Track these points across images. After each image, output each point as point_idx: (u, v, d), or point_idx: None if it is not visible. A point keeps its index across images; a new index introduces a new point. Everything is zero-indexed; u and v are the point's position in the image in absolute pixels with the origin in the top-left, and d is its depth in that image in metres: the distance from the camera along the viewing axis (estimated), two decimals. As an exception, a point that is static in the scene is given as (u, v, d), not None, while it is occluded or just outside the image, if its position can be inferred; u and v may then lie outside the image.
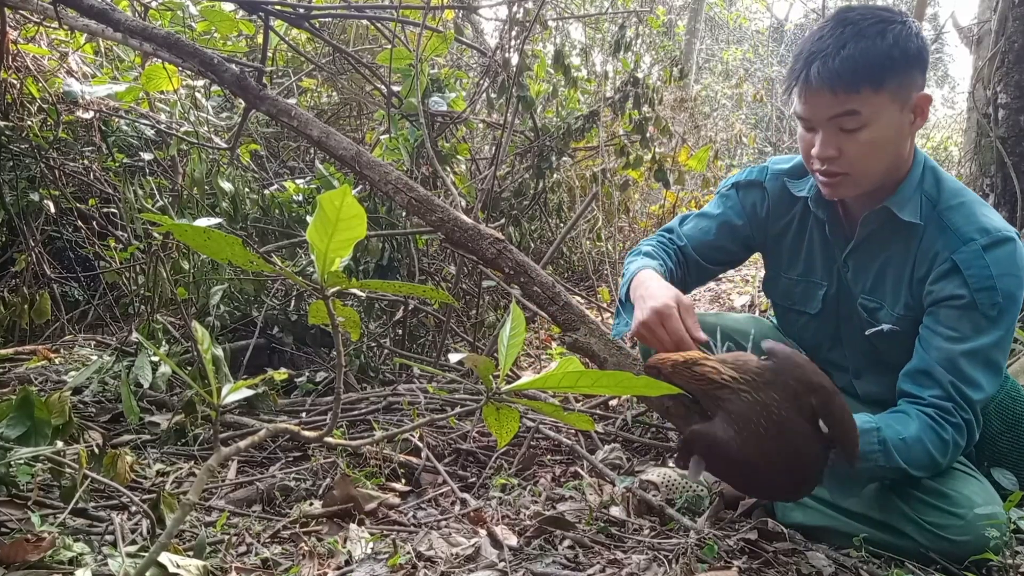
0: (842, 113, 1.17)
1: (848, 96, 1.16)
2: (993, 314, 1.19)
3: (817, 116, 1.20)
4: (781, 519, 1.32)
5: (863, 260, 1.35)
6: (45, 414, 1.36)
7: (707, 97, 7.42)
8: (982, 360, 1.21)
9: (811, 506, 1.31)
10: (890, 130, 1.20)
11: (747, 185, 1.49)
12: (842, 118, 1.18)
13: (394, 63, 2.42)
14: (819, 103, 1.18)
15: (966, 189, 1.31)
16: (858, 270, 1.36)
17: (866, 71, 1.14)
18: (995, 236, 1.22)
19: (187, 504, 0.88)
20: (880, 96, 1.16)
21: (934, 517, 1.21)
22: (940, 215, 1.26)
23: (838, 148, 1.20)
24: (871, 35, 1.15)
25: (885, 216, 1.29)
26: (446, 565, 1.13)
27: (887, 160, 1.23)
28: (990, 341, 1.20)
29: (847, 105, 1.16)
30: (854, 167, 1.21)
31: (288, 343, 2.32)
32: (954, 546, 1.19)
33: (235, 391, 0.93)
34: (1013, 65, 2.39)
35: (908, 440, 1.18)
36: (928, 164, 1.31)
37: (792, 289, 1.48)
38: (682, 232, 1.54)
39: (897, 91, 1.18)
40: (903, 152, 1.26)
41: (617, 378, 0.94)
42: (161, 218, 0.88)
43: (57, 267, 2.85)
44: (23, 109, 2.52)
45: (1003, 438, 1.39)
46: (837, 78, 1.15)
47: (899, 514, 1.24)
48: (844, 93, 1.16)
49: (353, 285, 0.91)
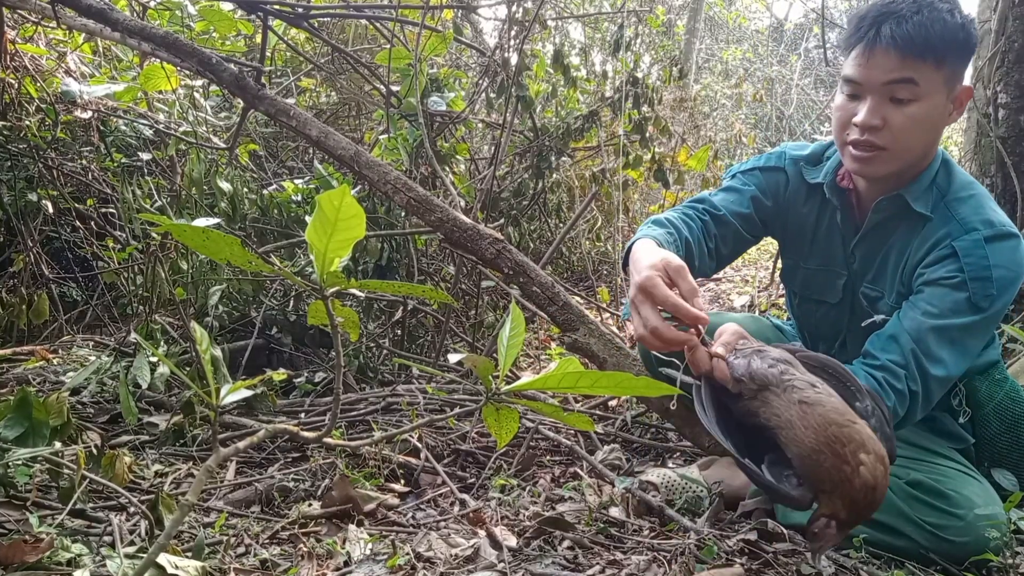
0: (900, 80, 1.15)
1: (914, 62, 1.14)
2: (984, 305, 1.18)
3: (873, 79, 1.17)
4: (781, 520, 1.32)
5: (869, 249, 1.34)
6: (43, 415, 1.35)
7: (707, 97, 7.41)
8: (950, 338, 1.19)
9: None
10: (935, 112, 1.19)
11: (769, 169, 1.46)
12: (898, 85, 1.16)
13: (393, 63, 2.42)
14: (881, 65, 1.16)
15: (977, 183, 1.31)
16: (863, 260, 1.36)
17: (937, 41, 1.13)
18: (999, 229, 1.21)
19: (186, 505, 0.87)
20: (938, 74, 1.16)
21: (934, 518, 1.20)
22: (947, 205, 1.26)
23: (883, 118, 1.18)
24: (943, 10, 1.15)
25: (898, 205, 1.28)
26: (445, 566, 1.12)
27: (923, 144, 1.22)
28: (964, 322, 1.19)
29: (909, 71, 1.15)
30: (894, 142, 1.19)
31: (287, 343, 2.32)
32: (954, 547, 1.19)
33: (234, 392, 0.93)
34: (1013, 65, 2.39)
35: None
36: (944, 157, 1.31)
37: (811, 279, 1.46)
38: (716, 202, 1.44)
39: (951, 75, 1.18)
40: (935, 141, 1.25)
41: (617, 378, 0.94)
42: (159, 218, 0.87)
43: (55, 267, 2.84)
44: (21, 109, 2.52)
45: (1002, 439, 1.38)
46: (909, 40, 1.13)
47: (898, 515, 1.23)
48: (911, 58, 1.14)
49: (352, 285, 0.91)
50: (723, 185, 1.50)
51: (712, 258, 1.42)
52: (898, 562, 1.22)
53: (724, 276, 4.14)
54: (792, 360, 1.12)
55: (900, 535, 1.23)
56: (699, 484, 1.40)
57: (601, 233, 3.87)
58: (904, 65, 1.15)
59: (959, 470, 1.27)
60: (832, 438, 1.01)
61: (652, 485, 1.40)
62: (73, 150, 2.78)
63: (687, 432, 1.56)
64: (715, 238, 1.42)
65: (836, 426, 1.01)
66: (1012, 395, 1.40)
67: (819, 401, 1.04)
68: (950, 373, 1.21)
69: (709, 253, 1.41)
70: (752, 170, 1.47)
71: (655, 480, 1.41)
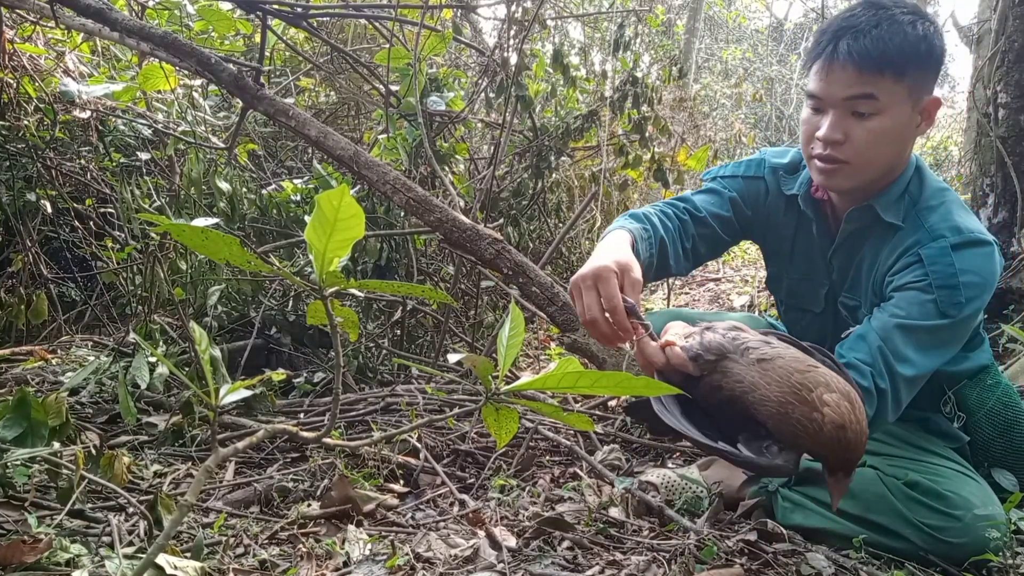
0: (860, 95, 1.16)
1: (871, 77, 1.14)
2: (952, 312, 1.17)
3: (833, 95, 1.18)
4: (781, 520, 1.32)
5: (845, 259, 1.35)
6: (42, 415, 1.35)
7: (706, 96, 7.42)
8: (917, 339, 1.17)
9: (810, 508, 1.31)
10: (899, 125, 1.19)
11: (749, 178, 1.46)
12: (858, 100, 1.16)
13: (392, 62, 2.42)
14: (840, 80, 1.16)
15: (950, 190, 1.29)
16: (841, 269, 1.36)
17: (895, 55, 1.13)
18: (967, 236, 1.20)
19: (185, 505, 0.87)
20: (899, 86, 1.15)
21: (932, 520, 1.20)
22: (918, 214, 1.25)
23: (845, 133, 1.18)
24: (904, 23, 1.15)
25: (869, 216, 1.28)
26: (444, 566, 1.12)
27: (888, 156, 1.22)
28: (932, 325, 1.17)
29: (867, 87, 1.15)
30: (857, 156, 1.19)
31: (286, 344, 2.31)
32: (952, 549, 1.19)
33: (233, 392, 0.93)
34: (1013, 64, 2.39)
35: None
36: (918, 164, 1.30)
37: (796, 288, 1.47)
38: (696, 202, 1.45)
39: (914, 87, 1.17)
40: (903, 153, 1.25)
41: (616, 378, 0.94)
42: (158, 218, 0.87)
43: (54, 267, 2.84)
44: (19, 109, 2.51)
45: (996, 443, 1.38)
46: (866, 55, 1.13)
47: (897, 516, 1.23)
48: (868, 73, 1.14)
49: (351, 285, 0.90)
50: (703, 187, 1.50)
51: (688, 258, 1.42)
52: (898, 563, 1.22)
53: (724, 276, 4.14)
54: (741, 326, 1.12)
55: (898, 537, 1.23)
56: (699, 484, 1.40)
57: (601, 233, 3.86)
58: (862, 80, 1.15)
59: (957, 470, 1.27)
60: (796, 386, 0.99)
61: (652, 485, 1.40)
62: (72, 150, 2.78)
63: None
64: (693, 238, 1.42)
65: (798, 373, 1.00)
66: (1004, 400, 1.38)
67: (777, 355, 1.04)
68: (919, 372, 1.19)
69: (685, 253, 1.41)
70: (734, 177, 1.47)
71: (655, 480, 1.41)
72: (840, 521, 1.27)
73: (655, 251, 1.31)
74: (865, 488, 1.26)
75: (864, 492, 1.26)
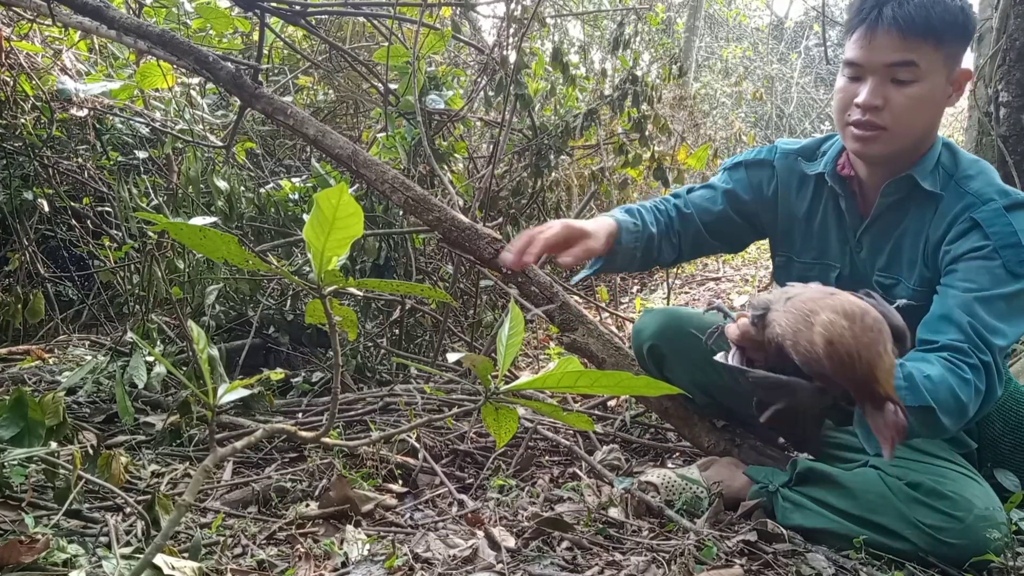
0: (902, 61, 1.19)
1: (915, 43, 1.17)
2: (1021, 271, 1.19)
3: (874, 61, 1.20)
4: (780, 520, 1.32)
5: (878, 237, 1.35)
6: (39, 415, 1.34)
7: (706, 95, 7.41)
8: (999, 309, 1.19)
9: (810, 508, 1.31)
10: (935, 93, 1.22)
11: (754, 164, 1.48)
12: (900, 67, 1.19)
13: (391, 61, 2.41)
14: (883, 46, 1.19)
15: (982, 160, 1.32)
16: (872, 248, 1.36)
17: (937, 22, 1.17)
18: (1016, 198, 1.23)
19: (182, 505, 0.87)
20: (938, 54, 1.19)
21: (933, 520, 1.20)
22: (958, 183, 1.27)
23: (885, 98, 1.21)
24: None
25: (908, 185, 1.29)
26: (443, 567, 1.12)
27: (923, 124, 1.24)
28: (1008, 291, 1.19)
29: (910, 53, 1.18)
30: (896, 122, 1.22)
31: (284, 343, 2.31)
32: (952, 550, 1.18)
33: (231, 391, 0.92)
34: (1014, 63, 2.38)
35: (933, 378, 1.14)
36: (945, 141, 1.33)
37: (806, 274, 1.46)
38: (688, 199, 1.52)
39: (950, 56, 1.21)
40: (936, 122, 1.28)
41: (616, 378, 0.94)
42: (156, 217, 0.86)
43: (51, 266, 2.83)
44: (16, 107, 2.50)
45: (1005, 440, 1.38)
46: (910, 21, 1.16)
47: (898, 517, 1.23)
48: (912, 39, 1.17)
49: (350, 284, 0.90)
50: (712, 179, 1.56)
51: (674, 251, 1.52)
52: (898, 563, 1.21)
53: (724, 276, 4.14)
54: (796, 284, 1.16)
55: (899, 538, 1.22)
56: (699, 484, 1.39)
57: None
58: (906, 46, 1.18)
59: (960, 472, 1.27)
60: (804, 313, 1.00)
61: (652, 485, 1.40)
62: (69, 148, 2.77)
63: (686, 432, 1.56)
64: (678, 235, 1.51)
65: (811, 302, 1.01)
66: (1017, 396, 1.39)
67: (801, 292, 1.05)
68: (1009, 341, 1.21)
69: (672, 247, 1.51)
70: (737, 165, 1.50)
71: (655, 480, 1.40)
72: (840, 521, 1.27)
73: (641, 243, 1.44)
74: (867, 488, 1.26)
75: (866, 493, 1.26)
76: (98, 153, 2.73)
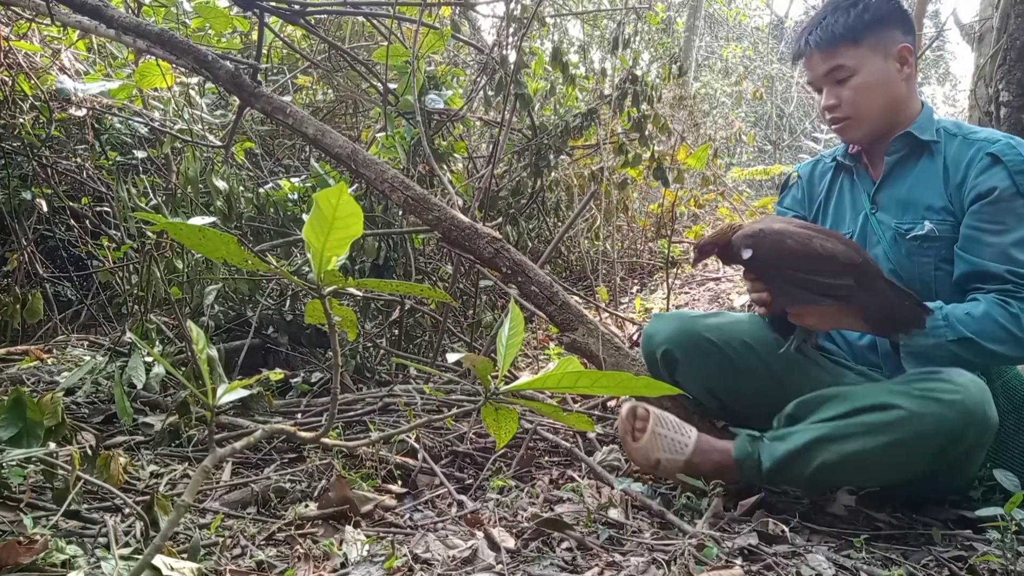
0: (830, 69, 1.44)
1: (831, 53, 1.43)
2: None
3: (815, 76, 1.47)
4: (768, 458, 1.33)
5: (891, 191, 1.47)
6: (37, 415, 1.34)
7: (706, 95, 7.41)
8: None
9: (794, 432, 1.33)
10: (876, 76, 1.43)
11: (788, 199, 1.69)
12: (833, 72, 1.44)
13: (390, 60, 2.40)
14: (815, 64, 1.46)
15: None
16: (887, 203, 1.47)
17: (842, 32, 1.42)
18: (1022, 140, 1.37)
19: (181, 506, 0.86)
20: (860, 49, 1.42)
21: (925, 383, 1.25)
22: (965, 137, 1.42)
23: (837, 97, 1.45)
24: (845, 6, 1.43)
25: (909, 141, 1.46)
26: (443, 567, 1.11)
27: (881, 100, 1.44)
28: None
29: (832, 61, 1.43)
30: (852, 110, 1.45)
31: (283, 343, 2.30)
32: (944, 407, 1.21)
33: (230, 392, 0.92)
34: (1015, 63, 2.38)
35: (975, 314, 1.29)
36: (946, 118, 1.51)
37: None
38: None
39: (876, 44, 1.42)
40: (898, 94, 1.45)
41: (616, 378, 0.93)
42: (155, 217, 0.86)
43: (49, 266, 2.83)
44: (15, 106, 2.50)
45: (1010, 418, 1.40)
46: (821, 41, 1.44)
47: (888, 392, 1.27)
48: (828, 50, 1.44)
49: (349, 284, 0.90)
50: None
51: None
52: (897, 562, 1.21)
53: (724, 276, 4.13)
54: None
55: (891, 408, 1.25)
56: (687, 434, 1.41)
57: (600, 232, 3.85)
58: (827, 57, 1.44)
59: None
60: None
61: (645, 411, 1.42)
62: (67, 148, 2.77)
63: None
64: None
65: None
66: (1021, 378, 1.44)
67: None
68: None
69: None
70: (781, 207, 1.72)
71: (649, 408, 1.42)
72: (832, 424, 1.29)
73: None
74: (862, 388, 1.35)
75: (854, 392, 1.33)
76: (97, 153, 2.73)
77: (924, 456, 1.24)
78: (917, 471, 1.27)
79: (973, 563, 1.17)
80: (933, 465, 1.25)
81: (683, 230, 4.62)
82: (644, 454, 1.40)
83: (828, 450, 1.28)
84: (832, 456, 1.28)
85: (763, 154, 8.82)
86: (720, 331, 1.49)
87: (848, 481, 1.39)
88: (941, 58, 13.45)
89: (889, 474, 1.29)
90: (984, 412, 1.22)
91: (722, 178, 4.77)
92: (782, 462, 1.32)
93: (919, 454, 1.24)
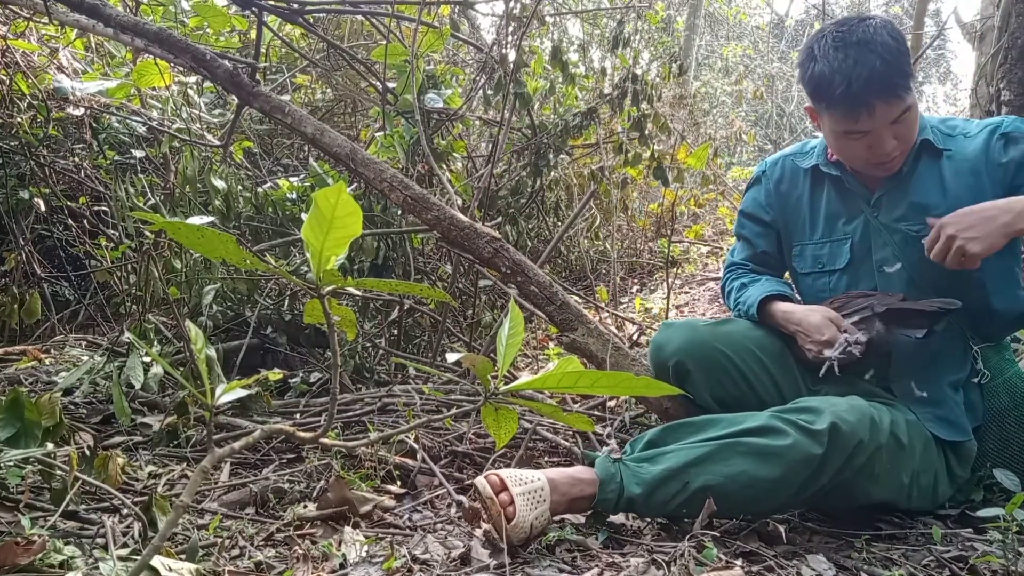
0: (901, 113, 1.32)
1: (900, 99, 1.31)
2: None
3: (881, 124, 1.32)
4: (636, 483, 1.26)
5: (895, 194, 1.45)
6: (35, 415, 1.33)
7: (706, 94, 7.41)
8: None
9: (667, 450, 1.30)
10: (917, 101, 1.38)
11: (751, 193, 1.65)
12: (901, 116, 1.33)
13: (389, 59, 2.40)
14: (882, 113, 1.31)
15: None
16: (891, 204, 1.45)
17: (897, 73, 1.29)
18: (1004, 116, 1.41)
19: (180, 506, 0.86)
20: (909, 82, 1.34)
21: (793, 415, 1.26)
22: (964, 134, 1.43)
23: (896, 136, 1.36)
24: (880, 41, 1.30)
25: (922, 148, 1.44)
26: (442, 568, 1.11)
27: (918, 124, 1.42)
28: None
29: (902, 105, 1.32)
30: (905, 143, 1.38)
31: (282, 343, 2.30)
32: (806, 435, 1.22)
33: (229, 392, 0.91)
34: (1016, 62, 2.37)
35: None
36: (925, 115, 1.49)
37: (819, 252, 1.55)
38: (738, 262, 1.68)
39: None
40: None
41: (616, 378, 0.93)
42: (153, 216, 0.86)
43: (47, 266, 2.82)
44: (12, 105, 2.49)
45: (1010, 415, 1.39)
46: (893, 87, 1.29)
47: (767, 417, 1.27)
48: (895, 97, 1.30)
49: (349, 284, 0.89)
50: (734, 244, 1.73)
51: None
52: (898, 563, 1.21)
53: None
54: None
55: (777, 433, 1.25)
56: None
57: (600, 232, 3.85)
58: (897, 102, 1.31)
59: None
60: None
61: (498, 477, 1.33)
62: (65, 147, 2.76)
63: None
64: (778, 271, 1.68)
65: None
66: (1022, 375, 1.43)
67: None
68: None
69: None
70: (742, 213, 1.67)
71: (495, 480, 1.24)
72: (704, 445, 1.26)
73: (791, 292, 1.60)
74: (736, 414, 1.34)
75: (735, 415, 1.33)
76: (95, 152, 2.72)
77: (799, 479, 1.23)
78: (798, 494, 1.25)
79: (974, 563, 1.17)
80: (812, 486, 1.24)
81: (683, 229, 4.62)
82: (522, 527, 1.17)
83: (710, 472, 1.23)
84: (714, 479, 1.22)
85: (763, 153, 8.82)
86: (731, 340, 1.47)
87: (731, 509, 1.27)
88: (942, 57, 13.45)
89: (776, 498, 1.25)
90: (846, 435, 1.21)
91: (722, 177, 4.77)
92: (654, 485, 1.24)
93: (799, 477, 1.22)
